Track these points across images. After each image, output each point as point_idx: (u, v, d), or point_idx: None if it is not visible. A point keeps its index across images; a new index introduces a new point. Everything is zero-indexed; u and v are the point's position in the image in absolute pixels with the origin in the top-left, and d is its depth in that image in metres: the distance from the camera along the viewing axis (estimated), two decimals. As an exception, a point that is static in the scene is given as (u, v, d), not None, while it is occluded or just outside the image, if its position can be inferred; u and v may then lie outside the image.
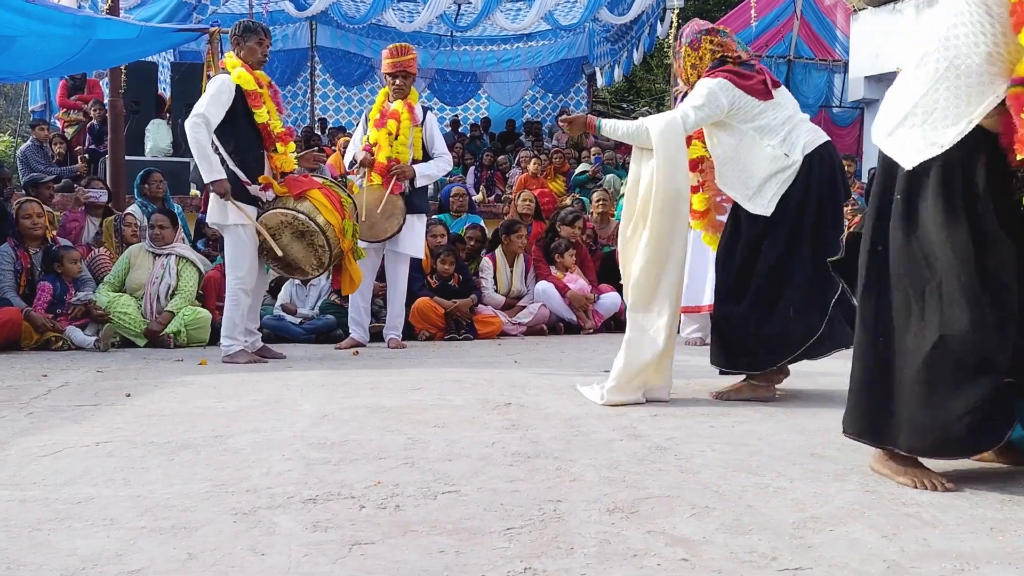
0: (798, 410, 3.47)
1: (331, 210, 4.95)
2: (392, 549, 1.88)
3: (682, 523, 2.06)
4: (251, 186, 4.79)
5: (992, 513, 2.17)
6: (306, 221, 4.81)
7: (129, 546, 1.89)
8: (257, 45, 4.89)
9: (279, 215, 4.81)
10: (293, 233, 4.84)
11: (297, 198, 4.89)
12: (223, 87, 4.74)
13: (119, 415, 3.32)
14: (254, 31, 4.92)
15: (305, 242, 4.87)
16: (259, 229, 4.79)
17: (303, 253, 4.87)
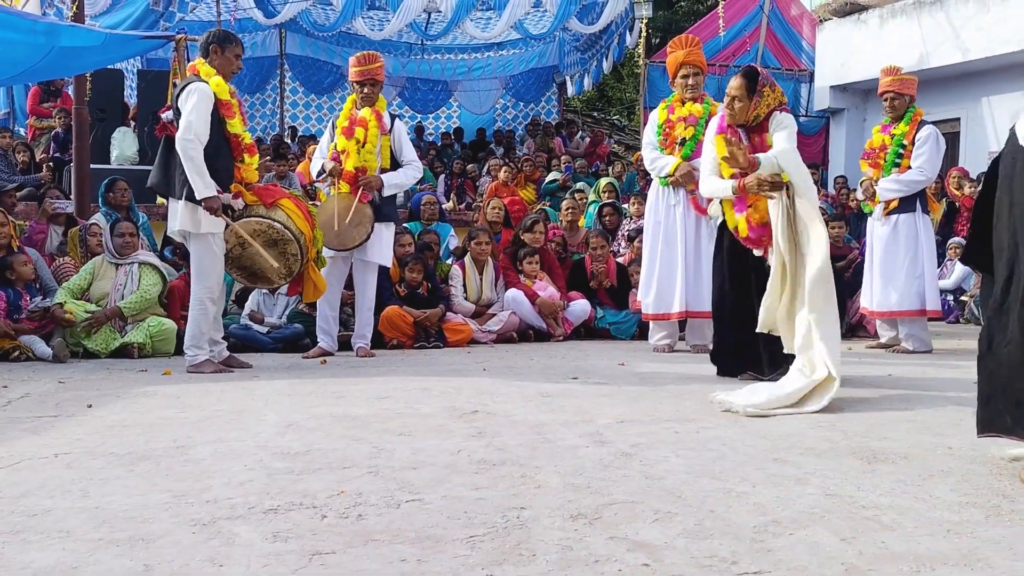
0: (763, 416, 3.49)
1: (302, 219, 4.94)
2: (353, 558, 1.87)
3: (644, 529, 2.07)
4: (223, 194, 4.75)
5: (949, 516, 2.19)
6: (281, 229, 4.79)
7: (85, 558, 1.86)
8: (235, 57, 4.87)
9: (253, 223, 4.78)
10: (265, 241, 4.80)
11: (269, 207, 4.86)
12: (204, 97, 4.67)
13: (79, 426, 3.27)
14: (234, 42, 4.89)
15: (277, 250, 4.84)
16: (237, 229, 4.74)
17: (276, 261, 4.84)
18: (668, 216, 5.80)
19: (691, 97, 5.71)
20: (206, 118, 4.64)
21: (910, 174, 5.77)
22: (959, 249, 9.03)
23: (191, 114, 4.62)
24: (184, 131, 4.61)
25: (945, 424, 3.32)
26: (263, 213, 4.83)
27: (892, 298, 5.85)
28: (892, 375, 4.70)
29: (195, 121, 4.60)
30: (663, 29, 22.59)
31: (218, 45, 4.85)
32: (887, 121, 5.98)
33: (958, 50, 11.37)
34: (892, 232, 5.84)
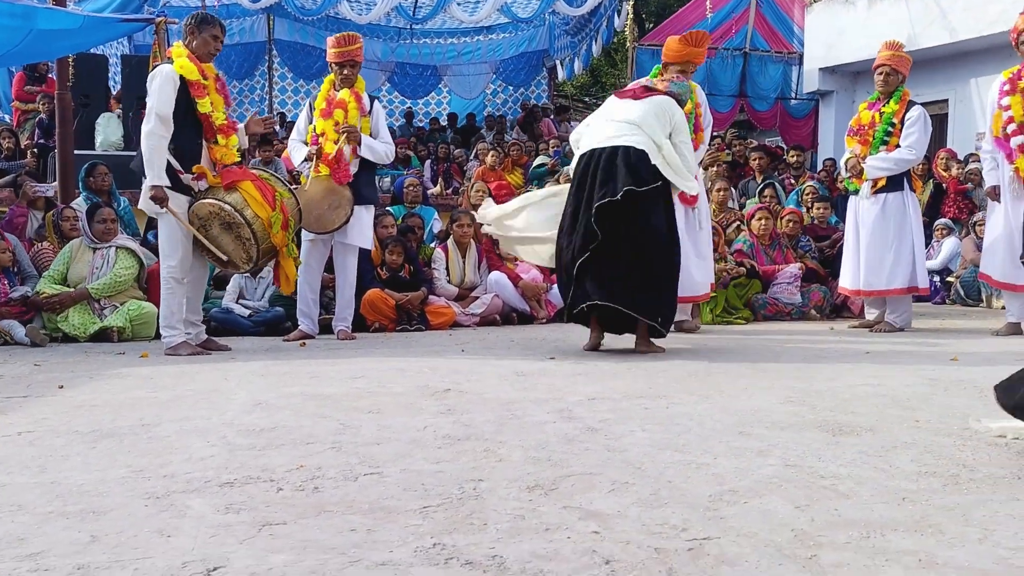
0: (734, 392, 3.50)
1: (261, 203, 4.83)
2: (303, 529, 1.86)
3: (599, 499, 2.07)
4: (184, 175, 4.72)
5: (907, 484, 2.20)
6: (232, 212, 4.71)
7: (33, 530, 1.85)
8: (211, 38, 4.83)
9: (208, 205, 4.74)
10: (221, 224, 4.76)
11: (227, 189, 4.80)
12: (166, 80, 4.66)
13: (48, 406, 3.26)
14: (211, 23, 4.85)
15: (233, 234, 4.78)
16: (183, 223, 4.72)
17: (232, 245, 4.79)
18: None
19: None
20: (168, 101, 4.62)
21: (900, 152, 5.76)
22: (945, 230, 9.04)
23: (152, 99, 4.64)
24: (145, 120, 4.64)
25: (915, 399, 3.33)
26: (219, 196, 4.77)
27: (882, 277, 5.83)
28: (870, 353, 4.71)
29: (156, 106, 4.61)
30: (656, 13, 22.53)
31: (195, 26, 4.83)
32: (874, 98, 5.95)
33: (946, 31, 11.35)
34: (881, 211, 5.82)
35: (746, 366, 4.21)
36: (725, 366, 4.21)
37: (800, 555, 1.71)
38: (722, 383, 3.70)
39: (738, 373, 3.99)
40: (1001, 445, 2.60)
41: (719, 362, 4.35)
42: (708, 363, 4.31)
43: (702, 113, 5.72)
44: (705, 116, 5.77)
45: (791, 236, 7.33)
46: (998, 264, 5.62)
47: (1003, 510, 1.98)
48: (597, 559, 1.68)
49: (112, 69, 11.94)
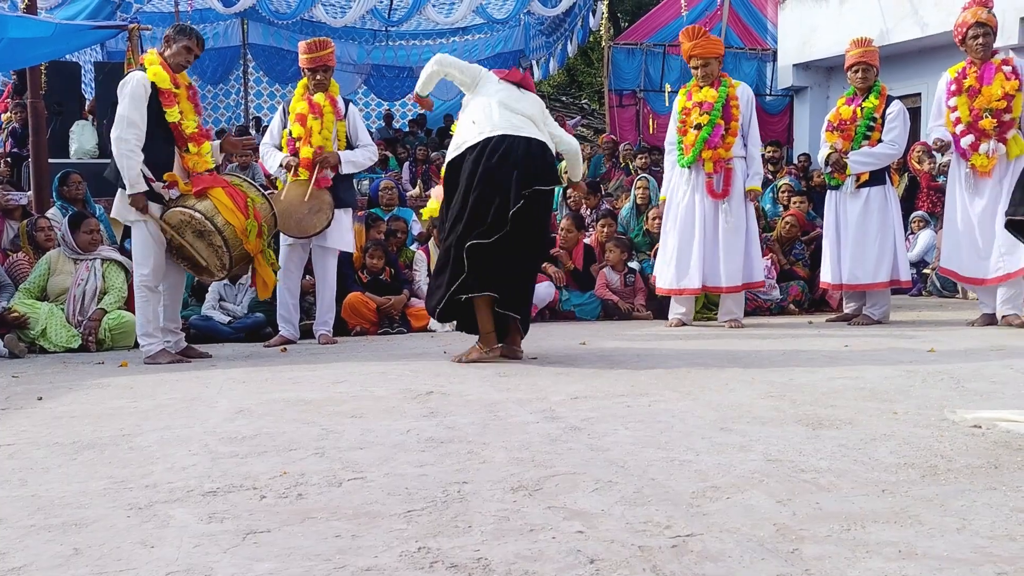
0: (715, 388, 3.52)
1: (232, 210, 4.78)
2: (287, 536, 1.86)
3: (583, 498, 2.08)
4: (155, 183, 4.70)
5: (887, 476, 2.22)
6: (202, 220, 4.67)
7: (14, 544, 1.83)
8: (184, 50, 4.80)
9: (179, 213, 4.71)
10: (194, 232, 4.73)
11: (198, 196, 4.77)
12: (137, 87, 4.65)
13: (27, 418, 3.23)
14: (188, 36, 4.83)
15: (205, 242, 4.75)
16: (161, 225, 4.70)
17: (206, 252, 4.77)
18: (686, 196, 5.88)
19: (707, 84, 5.83)
20: (139, 108, 4.61)
21: (882, 148, 5.83)
22: (922, 222, 9.15)
23: (122, 107, 4.63)
24: (115, 127, 4.63)
25: (893, 391, 3.37)
26: (189, 204, 4.74)
27: (867, 271, 5.88)
28: (848, 346, 4.75)
29: (126, 114, 4.60)
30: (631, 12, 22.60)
31: (172, 36, 4.82)
32: (851, 93, 6.01)
33: (917, 25, 11.47)
34: (864, 206, 5.88)
35: (727, 362, 4.24)
36: (706, 362, 4.24)
37: (782, 549, 1.72)
38: (703, 379, 3.73)
39: (719, 369, 4.02)
40: (978, 435, 2.63)
41: (700, 359, 4.38)
42: (689, 360, 4.34)
43: (738, 107, 5.77)
44: (743, 113, 5.81)
45: (787, 240, 7.31)
46: (964, 260, 5.67)
47: (981, 500, 2.01)
48: (582, 559, 1.69)
49: (85, 76, 11.85)
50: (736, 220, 5.77)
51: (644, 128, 13.45)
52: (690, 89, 5.95)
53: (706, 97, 5.78)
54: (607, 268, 7.00)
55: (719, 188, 5.76)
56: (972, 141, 5.47)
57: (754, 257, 5.91)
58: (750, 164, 5.88)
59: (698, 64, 5.82)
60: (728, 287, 5.81)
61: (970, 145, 5.48)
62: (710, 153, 5.74)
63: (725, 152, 5.75)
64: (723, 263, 5.77)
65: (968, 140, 5.48)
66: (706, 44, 5.82)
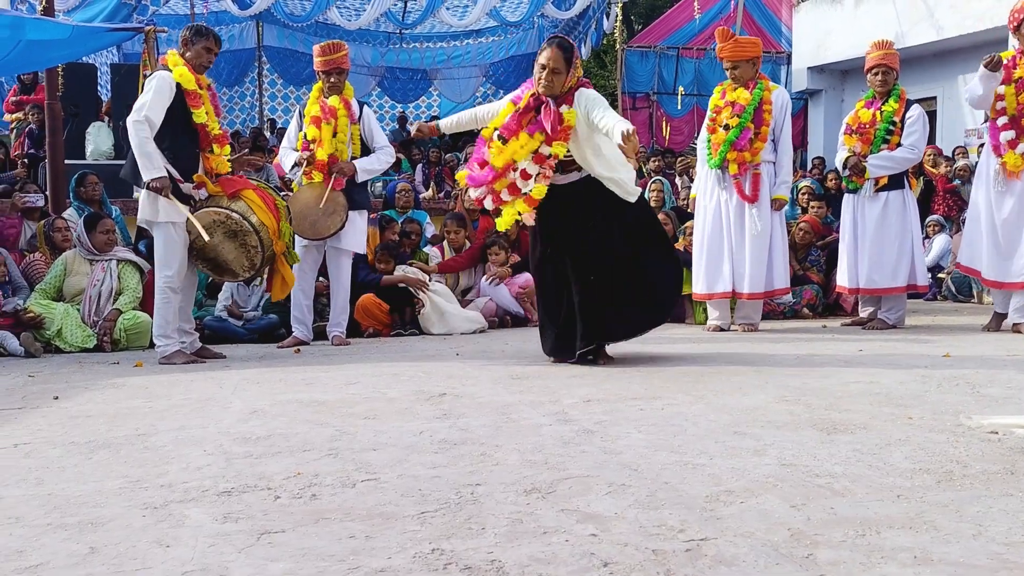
0: (728, 391, 3.51)
1: (265, 211, 4.87)
2: (301, 537, 1.87)
3: (596, 501, 2.08)
4: (184, 184, 4.73)
5: (901, 482, 2.21)
6: (240, 220, 4.74)
7: (31, 543, 1.85)
8: (204, 51, 4.84)
9: (212, 213, 4.74)
10: (225, 232, 4.77)
11: (231, 197, 4.83)
12: (163, 85, 4.67)
13: (43, 417, 3.25)
14: (205, 36, 4.86)
15: (237, 242, 4.79)
16: (190, 218, 4.71)
17: (234, 254, 4.80)
18: (716, 199, 5.85)
19: (742, 85, 5.79)
20: (161, 104, 4.63)
21: (901, 152, 5.78)
22: (937, 226, 9.09)
23: (145, 96, 4.64)
24: (134, 112, 4.62)
25: (908, 396, 3.35)
26: (224, 204, 4.79)
27: (885, 275, 5.83)
28: (863, 351, 4.73)
29: (148, 103, 4.61)
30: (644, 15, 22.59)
31: (190, 37, 4.85)
32: (870, 96, 5.97)
33: (933, 29, 11.43)
34: (883, 209, 5.83)
35: (740, 365, 4.23)
36: (719, 366, 4.23)
37: (797, 554, 1.72)
38: (716, 383, 3.72)
39: (732, 372, 4.00)
40: (994, 441, 2.61)
41: (713, 362, 4.37)
42: (702, 363, 4.33)
43: (770, 111, 5.73)
44: (776, 117, 5.77)
45: (802, 246, 7.26)
46: (985, 260, 5.58)
47: (996, 506, 2.00)
48: (595, 561, 1.69)
49: (101, 78, 11.93)
50: (763, 226, 5.73)
51: (657, 131, 13.43)
52: (725, 88, 5.90)
53: (739, 98, 5.73)
54: (620, 271, 6.98)
55: (748, 191, 5.73)
56: (1012, 138, 5.33)
57: (777, 264, 5.86)
58: (779, 171, 5.81)
59: (728, 66, 5.80)
60: (750, 293, 5.78)
61: (1008, 142, 5.34)
62: (735, 155, 5.69)
63: (752, 156, 5.70)
64: (748, 269, 5.72)
65: (1008, 136, 5.34)
66: (735, 47, 5.78)
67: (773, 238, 5.84)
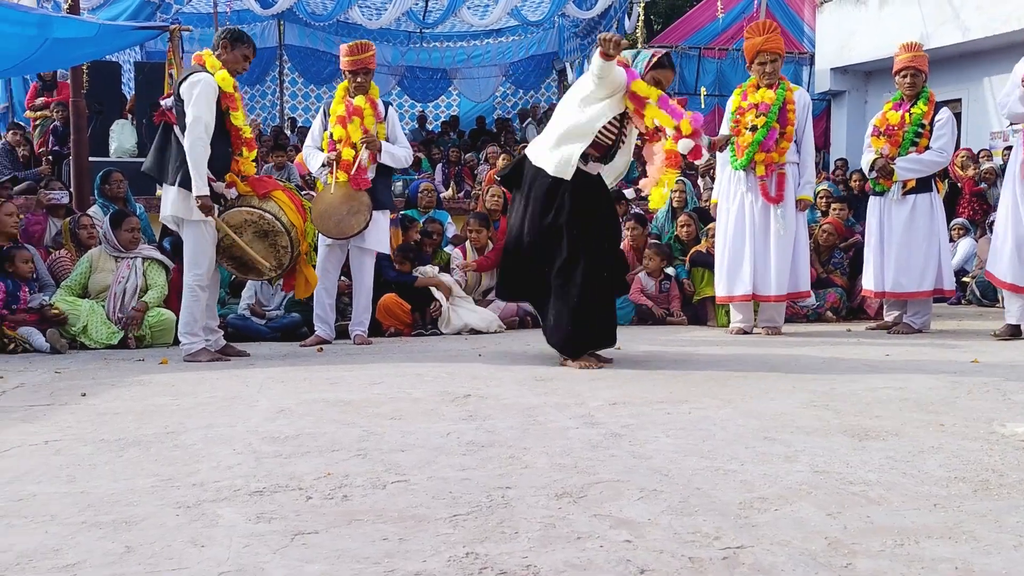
0: (755, 396, 3.49)
1: (294, 211, 4.92)
2: (335, 538, 1.87)
3: (629, 506, 2.06)
4: (216, 183, 4.75)
5: (937, 490, 2.19)
6: (272, 220, 4.77)
7: (67, 541, 1.86)
8: (243, 57, 4.87)
9: (244, 213, 4.77)
10: (256, 232, 4.79)
11: (262, 198, 4.85)
12: (209, 88, 4.69)
13: (72, 414, 3.27)
14: (244, 43, 4.88)
15: (268, 242, 4.82)
16: (220, 225, 4.74)
17: (263, 253, 4.83)
18: (740, 201, 5.81)
19: (767, 83, 5.74)
20: (211, 110, 4.66)
21: (930, 155, 5.72)
22: (962, 230, 9.00)
23: (197, 107, 4.63)
24: (193, 125, 4.62)
25: (938, 402, 3.31)
26: (255, 204, 4.82)
27: (912, 279, 5.77)
28: (890, 355, 4.68)
29: (202, 114, 4.62)
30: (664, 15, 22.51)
31: (228, 42, 4.87)
32: (897, 99, 5.91)
33: (958, 30, 11.31)
34: (910, 213, 5.77)
35: (766, 369, 4.20)
36: (745, 369, 4.20)
37: (836, 563, 1.70)
38: (743, 387, 3.69)
39: (758, 376, 3.98)
40: (1029, 449, 2.58)
41: (738, 365, 4.34)
42: (727, 366, 4.30)
43: (794, 111, 5.70)
44: (799, 118, 5.74)
45: (825, 248, 7.20)
46: (1004, 263, 5.38)
47: (1036, 516, 1.97)
48: (632, 568, 1.68)
49: (125, 76, 12.00)
50: (788, 227, 5.69)
51: (678, 131, 13.35)
52: (745, 89, 5.84)
53: (763, 98, 5.69)
54: (642, 273, 6.96)
55: (773, 192, 5.69)
56: None
57: (801, 266, 5.82)
58: (802, 172, 5.79)
59: (767, 59, 5.68)
60: (776, 296, 5.74)
61: None
62: (763, 156, 5.66)
63: (779, 156, 5.67)
64: (774, 271, 5.68)
65: None
66: (776, 39, 5.73)
67: (797, 240, 5.80)
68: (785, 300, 5.87)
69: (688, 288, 6.90)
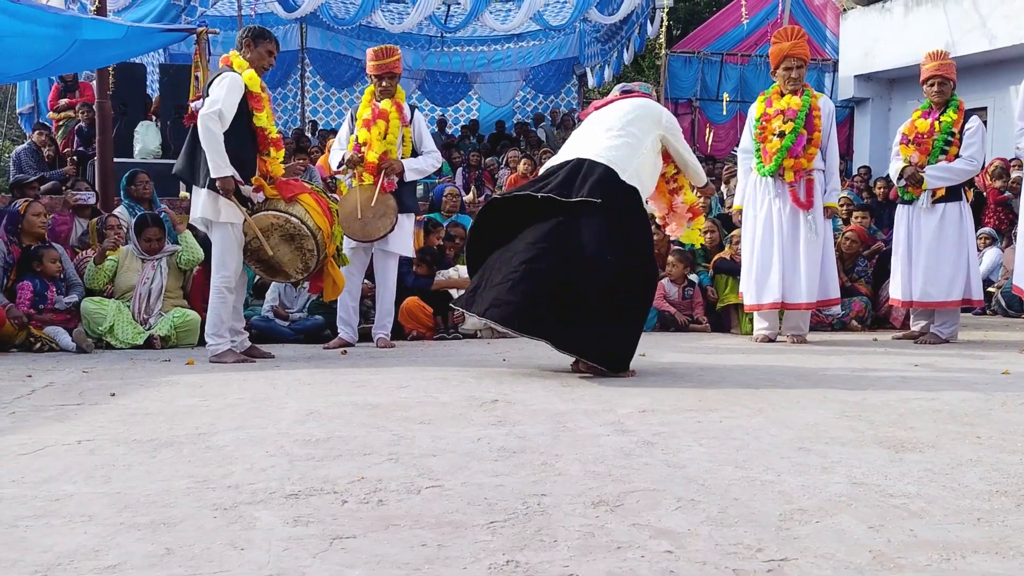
0: (786, 405, 3.46)
1: (321, 215, 4.92)
2: (373, 543, 1.86)
3: (667, 516, 2.04)
4: (244, 186, 4.76)
5: (980, 504, 2.15)
6: (298, 224, 4.78)
7: (106, 542, 1.86)
8: (267, 53, 4.90)
9: (270, 217, 4.78)
10: (282, 236, 4.81)
11: (289, 201, 4.86)
12: (235, 85, 4.71)
13: (103, 414, 3.28)
14: (267, 39, 4.91)
15: (294, 245, 4.84)
16: (251, 224, 4.75)
17: (289, 256, 4.84)
18: (767, 207, 5.78)
19: (792, 89, 5.71)
20: (233, 103, 4.67)
21: (960, 163, 5.68)
22: (987, 239, 8.92)
23: (218, 92, 4.66)
24: (208, 106, 4.64)
25: (972, 414, 3.27)
26: (282, 207, 4.83)
27: (941, 288, 5.71)
28: (918, 365, 4.64)
29: (221, 100, 4.63)
30: (684, 20, 22.46)
31: (251, 40, 4.89)
32: (927, 107, 5.86)
33: (985, 38, 11.22)
34: (939, 222, 5.73)
35: (794, 378, 4.17)
36: (773, 378, 4.17)
37: (883, 578, 1.68)
38: (772, 396, 3.66)
39: (788, 385, 3.95)
40: (1070, 464, 2.54)
41: (766, 374, 4.31)
42: (755, 375, 4.27)
43: (820, 117, 5.68)
44: (824, 125, 5.72)
45: (848, 256, 7.15)
46: None
47: (1084, 533, 1.94)
48: (676, 579, 1.66)
49: (149, 77, 12.09)
50: (817, 232, 5.65)
51: (700, 138, 13.33)
52: (769, 96, 5.81)
53: (790, 104, 5.66)
54: (666, 280, 6.93)
55: (803, 198, 5.65)
56: None
57: (830, 272, 5.79)
58: (828, 179, 5.77)
59: (792, 65, 5.66)
60: (807, 303, 5.69)
61: None
62: (792, 162, 5.63)
63: (807, 162, 5.64)
64: (804, 277, 5.63)
65: None
66: (803, 46, 5.70)
67: (825, 247, 5.77)
68: (815, 307, 5.83)
69: (712, 295, 6.87)
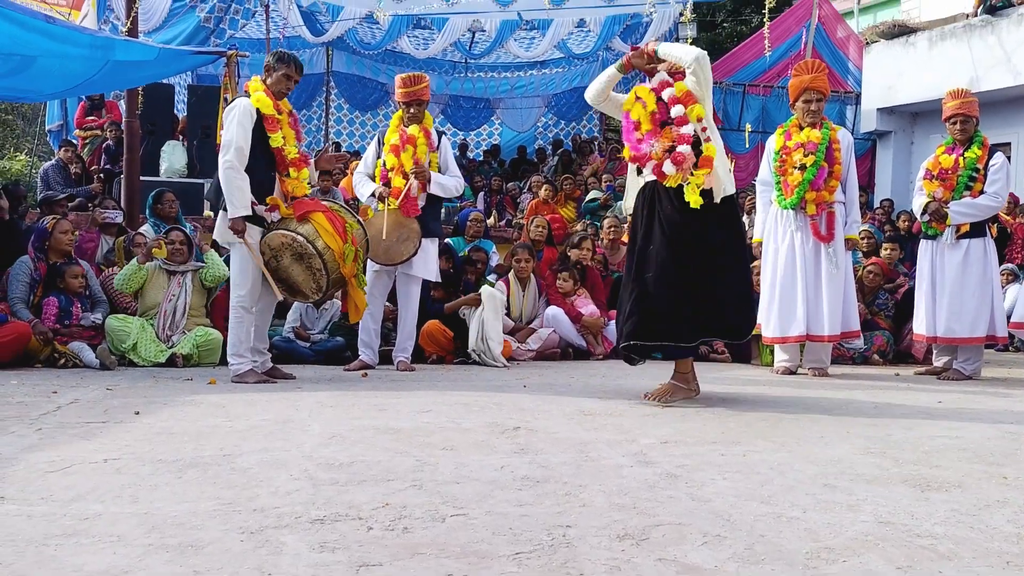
0: (810, 440, 3.44)
1: (332, 234, 4.90)
2: (400, 571, 1.86)
3: (693, 551, 2.04)
4: (258, 207, 4.82)
5: (1008, 547, 2.13)
6: (304, 243, 4.78)
7: (136, 563, 1.87)
8: (285, 78, 4.94)
9: (280, 236, 4.82)
10: (293, 255, 4.83)
11: (300, 220, 4.88)
12: (245, 113, 4.78)
13: (128, 432, 3.31)
14: (287, 63, 4.96)
15: (304, 264, 4.85)
16: (254, 255, 4.81)
17: (302, 276, 4.86)
18: (789, 240, 5.76)
19: (811, 122, 5.71)
20: (245, 134, 4.75)
21: (984, 199, 5.66)
22: (1010, 276, 8.84)
23: (228, 132, 4.77)
24: (223, 151, 4.77)
25: (999, 453, 3.24)
26: (291, 227, 4.85)
27: (965, 324, 5.68)
28: (942, 403, 4.60)
29: (233, 139, 4.74)
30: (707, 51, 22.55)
31: (271, 64, 4.96)
32: (951, 142, 5.85)
33: (1009, 73, 11.19)
34: (964, 258, 5.70)
35: (817, 412, 4.14)
36: (796, 412, 4.15)
37: (913, 621, 1.66)
38: (796, 430, 3.64)
39: (810, 420, 3.92)
40: (1101, 508, 2.51)
41: (789, 407, 4.29)
42: (778, 408, 4.25)
43: (839, 150, 5.68)
44: (843, 158, 5.71)
45: (870, 289, 7.11)
46: None
47: (1117, 580, 1.92)
48: (704, 617, 1.65)
49: (177, 97, 12.25)
50: (839, 265, 5.64)
51: (721, 167, 13.31)
52: (788, 129, 5.81)
53: (810, 137, 5.67)
54: (685, 308, 6.91)
55: (824, 231, 5.65)
56: None
57: (851, 305, 5.77)
58: (849, 211, 5.77)
59: (812, 98, 5.65)
60: (829, 336, 5.67)
61: None
62: (813, 195, 5.63)
63: (828, 195, 5.64)
64: (826, 309, 5.61)
65: None
66: (823, 79, 5.70)
67: (845, 279, 5.76)
68: (838, 340, 5.80)
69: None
